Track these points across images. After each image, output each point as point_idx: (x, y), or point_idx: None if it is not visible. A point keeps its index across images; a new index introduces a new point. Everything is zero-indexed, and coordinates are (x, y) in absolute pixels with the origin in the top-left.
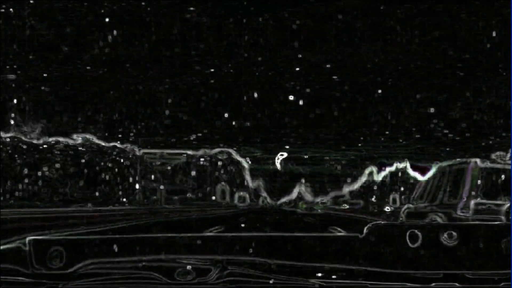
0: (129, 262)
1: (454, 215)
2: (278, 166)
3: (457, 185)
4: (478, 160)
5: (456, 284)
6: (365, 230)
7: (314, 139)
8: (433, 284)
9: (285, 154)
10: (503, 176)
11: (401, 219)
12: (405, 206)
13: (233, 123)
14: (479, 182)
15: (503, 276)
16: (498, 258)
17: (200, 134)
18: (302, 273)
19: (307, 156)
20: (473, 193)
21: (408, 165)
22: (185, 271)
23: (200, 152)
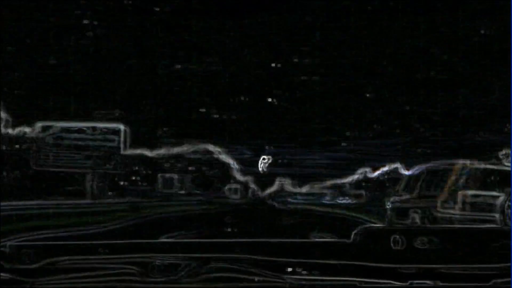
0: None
1: (435, 212)
2: (261, 169)
3: (443, 184)
4: (467, 161)
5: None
6: (352, 236)
7: (300, 140)
8: (409, 282)
9: (269, 159)
10: (493, 177)
11: (387, 219)
12: (391, 199)
13: (221, 116)
14: (461, 182)
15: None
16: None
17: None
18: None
19: (285, 161)
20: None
21: (399, 165)
22: (157, 267)
23: (181, 148)
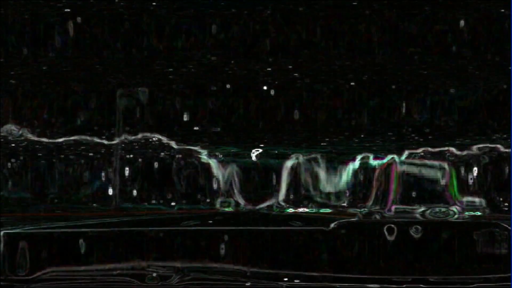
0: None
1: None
2: (254, 158)
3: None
4: (398, 162)
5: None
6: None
7: (285, 137)
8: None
9: (260, 150)
10: (420, 181)
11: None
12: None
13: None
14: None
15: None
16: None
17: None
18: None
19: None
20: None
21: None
22: (152, 277)
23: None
